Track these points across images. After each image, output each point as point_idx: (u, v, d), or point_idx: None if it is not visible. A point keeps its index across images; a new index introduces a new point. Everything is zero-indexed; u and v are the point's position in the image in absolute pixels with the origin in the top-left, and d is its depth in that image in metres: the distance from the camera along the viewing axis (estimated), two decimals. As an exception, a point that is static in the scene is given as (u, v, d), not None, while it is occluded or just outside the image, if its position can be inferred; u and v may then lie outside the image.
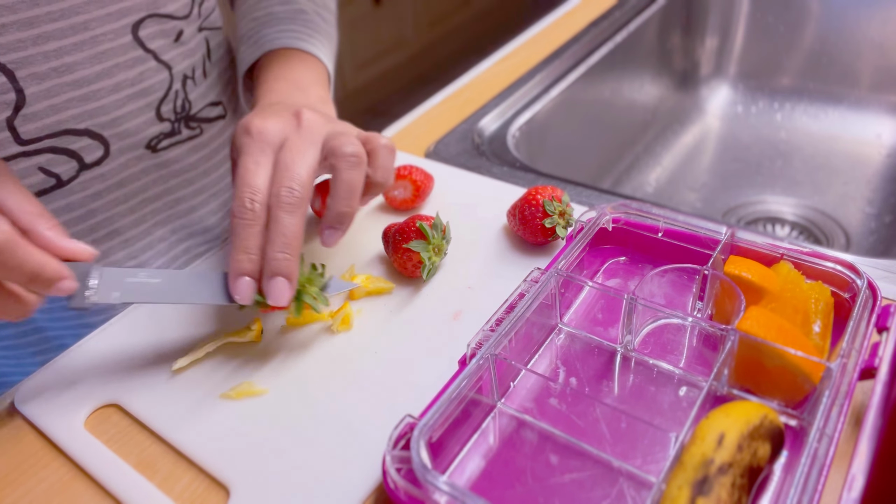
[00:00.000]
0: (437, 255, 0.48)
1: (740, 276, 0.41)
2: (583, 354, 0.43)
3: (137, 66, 0.52)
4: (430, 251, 0.48)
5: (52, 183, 0.51)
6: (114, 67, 0.51)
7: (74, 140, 0.51)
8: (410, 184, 0.55)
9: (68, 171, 0.51)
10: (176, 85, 0.56)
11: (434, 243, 0.48)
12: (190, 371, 0.44)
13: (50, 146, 0.50)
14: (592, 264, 0.50)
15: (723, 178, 0.95)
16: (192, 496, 0.38)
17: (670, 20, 1.01)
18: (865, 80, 0.97)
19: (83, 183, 0.52)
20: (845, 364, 0.35)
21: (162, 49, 0.54)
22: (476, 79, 0.82)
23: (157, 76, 0.54)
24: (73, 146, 0.51)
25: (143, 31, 0.52)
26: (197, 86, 0.58)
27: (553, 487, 0.35)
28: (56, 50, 0.47)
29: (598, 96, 0.90)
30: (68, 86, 0.49)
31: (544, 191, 0.50)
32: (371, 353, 0.44)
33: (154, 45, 0.53)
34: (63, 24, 0.47)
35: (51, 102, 0.48)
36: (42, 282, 0.37)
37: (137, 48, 0.52)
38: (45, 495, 0.38)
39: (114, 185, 0.54)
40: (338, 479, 0.37)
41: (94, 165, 0.52)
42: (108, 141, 0.52)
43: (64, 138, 0.50)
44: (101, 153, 0.52)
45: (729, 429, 0.32)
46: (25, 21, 0.45)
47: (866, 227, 0.84)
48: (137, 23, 0.51)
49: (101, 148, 0.52)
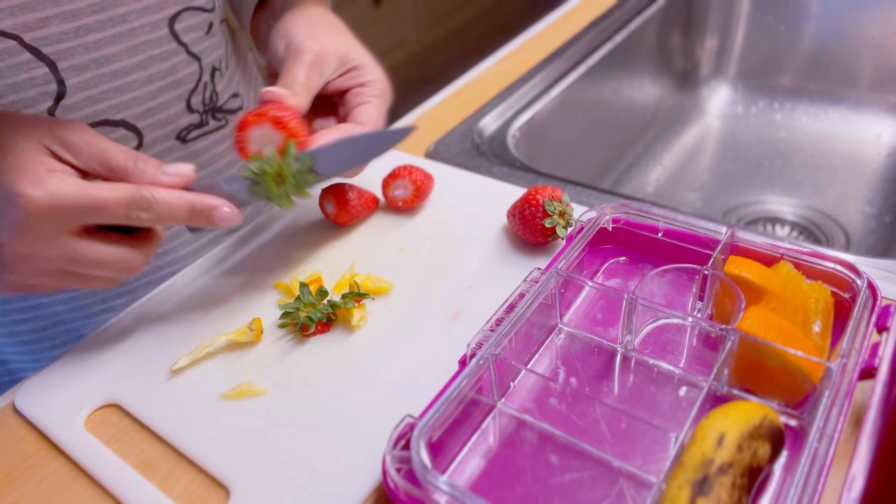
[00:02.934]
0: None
1: (740, 276, 0.41)
2: (583, 354, 0.43)
3: (171, 59, 0.54)
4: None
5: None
6: (148, 59, 0.52)
7: (111, 131, 0.52)
8: (411, 184, 0.55)
9: None
10: (205, 77, 0.57)
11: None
12: (190, 371, 0.44)
13: None
14: (592, 264, 0.50)
15: (723, 178, 0.95)
16: (192, 496, 0.38)
17: (670, 20, 1.01)
18: (865, 80, 0.97)
19: None
20: (845, 364, 0.35)
21: (194, 42, 0.55)
22: (476, 79, 0.82)
23: (188, 68, 0.55)
24: (110, 136, 0.52)
25: (178, 24, 0.53)
26: (223, 77, 0.60)
27: (553, 487, 0.35)
28: (96, 42, 0.49)
29: (598, 96, 0.90)
30: (106, 77, 0.50)
31: (544, 191, 0.50)
32: (371, 352, 0.44)
33: (187, 38, 0.54)
34: (103, 17, 0.48)
35: (89, 93, 0.50)
36: (205, 216, 0.43)
37: (172, 41, 0.53)
38: (45, 495, 0.38)
39: None
40: (338, 479, 0.37)
41: None
42: (142, 132, 0.54)
43: (101, 129, 0.51)
44: (135, 144, 0.54)
45: (729, 429, 0.32)
46: (68, 13, 0.47)
47: (866, 227, 0.84)
48: (174, 16, 0.53)
49: (136, 139, 0.54)
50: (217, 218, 0.43)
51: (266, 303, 0.49)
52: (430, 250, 0.53)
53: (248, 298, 0.50)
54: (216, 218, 0.43)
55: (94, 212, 0.39)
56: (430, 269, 0.51)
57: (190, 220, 0.43)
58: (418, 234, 0.55)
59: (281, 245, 0.55)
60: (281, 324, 0.46)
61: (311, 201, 0.59)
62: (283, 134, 0.44)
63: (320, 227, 0.57)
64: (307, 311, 0.46)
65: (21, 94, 0.47)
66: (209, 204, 0.43)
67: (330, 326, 0.47)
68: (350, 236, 0.55)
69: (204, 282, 0.52)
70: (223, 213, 0.43)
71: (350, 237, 0.55)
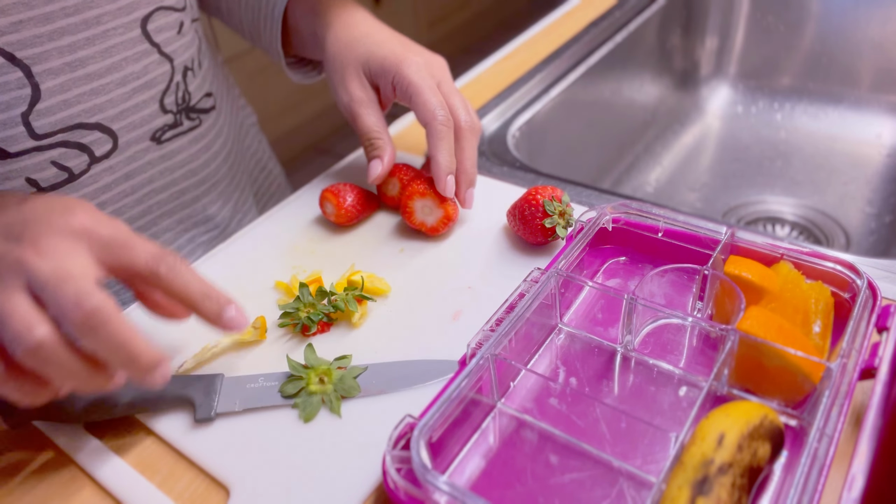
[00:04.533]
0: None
1: (740, 276, 0.41)
2: (583, 354, 0.43)
3: (143, 60, 0.53)
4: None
5: (65, 177, 0.51)
6: (122, 61, 0.52)
7: (86, 134, 0.51)
8: (440, 209, 0.54)
9: (80, 164, 0.52)
10: (177, 77, 0.57)
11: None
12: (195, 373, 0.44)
13: (62, 140, 0.50)
14: (592, 264, 0.50)
15: (723, 178, 0.95)
16: (192, 496, 0.38)
17: (670, 20, 1.01)
18: (865, 80, 0.97)
19: (94, 176, 0.53)
20: (845, 364, 0.35)
21: (166, 42, 0.55)
22: (476, 79, 0.82)
23: (159, 69, 0.55)
24: (85, 140, 0.52)
25: (151, 24, 0.53)
26: (195, 77, 0.59)
27: (553, 487, 0.35)
28: (70, 45, 0.48)
29: (598, 96, 0.90)
30: (80, 80, 0.50)
31: (544, 191, 0.50)
32: (371, 352, 0.44)
33: (159, 38, 0.54)
34: (76, 20, 0.48)
35: (64, 97, 0.49)
36: (137, 366, 0.34)
37: (144, 42, 0.53)
38: (45, 495, 0.38)
39: (121, 177, 0.55)
40: (338, 479, 0.37)
41: (103, 158, 0.53)
42: (117, 134, 0.53)
43: (76, 132, 0.51)
44: (109, 146, 0.53)
45: (729, 429, 0.32)
46: (42, 17, 0.46)
47: (866, 227, 0.84)
48: (147, 16, 0.53)
49: (111, 141, 0.53)
50: (227, 318, 0.38)
51: (266, 303, 0.49)
52: (430, 250, 0.53)
53: (248, 298, 0.50)
54: (226, 318, 0.38)
55: (122, 249, 0.36)
56: (430, 268, 0.51)
57: (201, 303, 0.37)
58: (418, 234, 0.55)
59: (281, 245, 0.55)
60: (281, 323, 0.46)
61: (312, 202, 0.59)
62: (441, 210, 0.52)
63: (320, 227, 0.57)
64: (307, 312, 0.46)
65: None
66: (225, 298, 0.38)
67: (330, 326, 0.47)
68: (350, 236, 0.55)
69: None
70: (232, 314, 0.38)
71: (350, 237, 0.55)
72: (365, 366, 0.43)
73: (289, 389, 0.41)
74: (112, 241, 0.36)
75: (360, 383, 0.42)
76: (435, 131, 0.51)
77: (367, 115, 0.54)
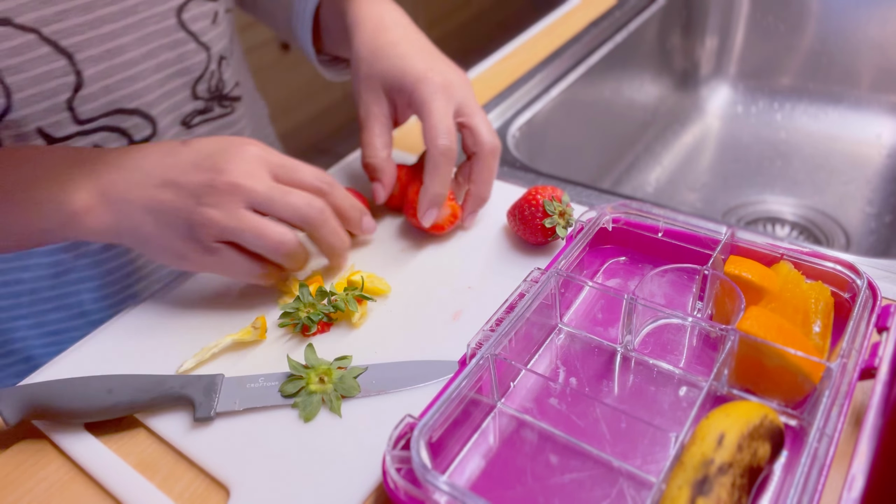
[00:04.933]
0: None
1: (740, 276, 0.41)
2: (583, 354, 0.43)
3: (178, 48, 0.55)
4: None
5: None
6: (158, 48, 0.54)
7: (126, 118, 0.54)
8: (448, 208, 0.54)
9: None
10: (212, 65, 0.59)
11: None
12: (194, 372, 0.44)
13: (104, 125, 0.53)
14: (592, 264, 0.50)
15: (723, 178, 0.95)
16: (192, 496, 0.38)
17: (670, 20, 1.01)
18: (865, 80, 0.97)
19: None
20: (845, 364, 0.35)
21: (202, 31, 0.57)
22: (476, 79, 0.82)
23: (196, 57, 0.57)
24: (125, 125, 0.54)
25: (185, 13, 0.55)
26: (229, 66, 0.61)
27: (553, 487, 0.35)
28: (110, 32, 0.50)
29: (598, 96, 0.90)
30: (119, 67, 0.52)
31: (544, 191, 0.50)
32: (371, 352, 0.44)
33: (195, 28, 0.56)
34: (115, 8, 0.50)
35: (105, 83, 0.52)
36: (355, 227, 0.49)
37: (180, 30, 0.55)
38: (45, 495, 0.38)
39: None
40: (338, 479, 0.37)
41: (142, 143, 0.54)
42: (156, 119, 0.55)
43: (116, 117, 0.53)
44: (149, 131, 0.56)
45: (729, 429, 0.32)
46: (83, 6, 0.49)
47: (866, 227, 0.84)
48: (181, 6, 0.55)
49: (150, 126, 0.55)
50: (365, 223, 0.50)
51: (266, 303, 0.49)
52: (430, 250, 0.53)
53: (248, 298, 0.50)
54: (364, 223, 0.50)
55: (292, 170, 0.45)
56: (430, 268, 0.51)
57: (350, 210, 0.48)
58: (418, 233, 0.55)
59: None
60: (281, 323, 0.46)
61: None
62: (447, 208, 0.52)
63: (320, 227, 0.57)
64: (307, 312, 0.46)
65: (41, 87, 0.48)
66: (363, 208, 0.50)
67: (330, 326, 0.47)
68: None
69: (203, 283, 0.52)
70: (368, 220, 0.51)
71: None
72: (365, 366, 0.43)
73: (289, 389, 0.41)
74: (283, 163, 0.45)
75: (360, 383, 0.41)
76: (431, 158, 0.49)
77: (374, 133, 0.53)
